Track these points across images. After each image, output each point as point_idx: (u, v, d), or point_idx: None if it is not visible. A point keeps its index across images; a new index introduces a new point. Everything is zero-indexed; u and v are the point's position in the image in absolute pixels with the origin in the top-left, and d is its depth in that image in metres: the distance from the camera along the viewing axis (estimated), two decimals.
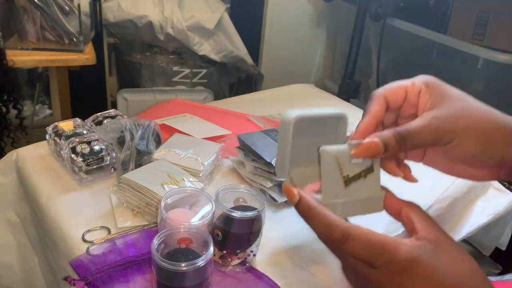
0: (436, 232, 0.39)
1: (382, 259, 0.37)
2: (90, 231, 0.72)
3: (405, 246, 0.37)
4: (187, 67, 2.18)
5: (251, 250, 0.66)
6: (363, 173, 0.44)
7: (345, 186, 0.44)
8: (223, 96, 2.33)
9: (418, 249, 0.37)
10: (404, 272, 0.36)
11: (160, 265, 0.52)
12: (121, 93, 2.10)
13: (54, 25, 1.50)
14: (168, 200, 0.65)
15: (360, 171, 0.44)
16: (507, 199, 1.02)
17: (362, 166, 0.44)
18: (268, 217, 0.78)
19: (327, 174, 0.43)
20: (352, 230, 0.38)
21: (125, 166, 0.82)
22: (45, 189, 0.82)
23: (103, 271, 0.64)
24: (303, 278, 0.68)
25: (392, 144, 0.41)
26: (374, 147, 0.41)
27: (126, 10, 1.97)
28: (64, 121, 0.91)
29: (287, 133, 0.45)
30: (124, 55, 2.20)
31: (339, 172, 0.43)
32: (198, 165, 0.83)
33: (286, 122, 0.45)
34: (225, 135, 1.02)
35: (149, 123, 0.88)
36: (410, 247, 0.37)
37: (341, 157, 0.43)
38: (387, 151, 0.41)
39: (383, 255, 0.37)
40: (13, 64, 1.36)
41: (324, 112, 0.47)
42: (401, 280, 0.37)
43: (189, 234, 0.59)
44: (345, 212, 0.44)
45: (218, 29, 2.11)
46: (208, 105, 1.25)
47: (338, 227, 0.38)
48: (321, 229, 0.40)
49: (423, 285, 0.36)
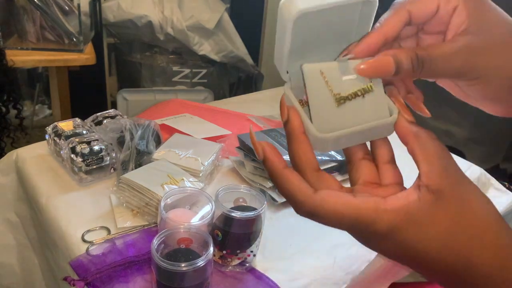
0: (442, 176, 0.31)
1: (357, 231, 0.33)
2: (90, 231, 0.71)
3: (386, 214, 0.31)
4: (187, 67, 2.18)
5: (251, 250, 0.66)
6: (359, 92, 0.36)
7: (337, 106, 0.35)
8: (223, 96, 2.33)
9: (403, 214, 0.31)
10: (380, 242, 0.32)
11: (160, 265, 0.52)
12: (121, 93, 2.10)
13: (54, 25, 1.50)
14: (168, 200, 0.65)
15: (356, 90, 0.36)
16: (507, 199, 1.02)
17: (357, 84, 0.36)
18: (268, 217, 0.78)
19: (313, 93, 0.35)
20: (319, 206, 0.32)
21: (125, 166, 0.82)
22: (45, 189, 0.81)
23: (103, 271, 0.63)
24: (303, 278, 0.68)
25: (406, 66, 0.34)
26: (384, 65, 0.34)
27: (126, 10, 1.97)
28: (63, 121, 0.91)
29: (286, 28, 0.34)
30: (124, 55, 2.20)
31: (328, 90, 0.35)
32: (198, 165, 0.83)
33: (285, 17, 0.34)
34: (225, 135, 1.02)
35: (149, 123, 0.88)
36: (392, 214, 0.31)
37: (328, 72, 0.36)
38: (398, 73, 0.34)
39: (357, 226, 0.32)
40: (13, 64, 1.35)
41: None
42: (379, 247, 0.33)
43: (189, 234, 0.59)
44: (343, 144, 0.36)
45: (218, 29, 2.11)
46: (208, 105, 1.25)
47: (304, 204, 0.33)
48: (288, 200, 0.34)
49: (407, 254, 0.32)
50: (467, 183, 0.32)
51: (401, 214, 0.31)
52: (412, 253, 0.32)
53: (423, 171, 0.32)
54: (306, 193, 0.33)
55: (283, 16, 0.34)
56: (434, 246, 0.31)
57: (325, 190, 0.33)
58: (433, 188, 0.31)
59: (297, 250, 0.73)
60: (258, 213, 0.62)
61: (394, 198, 0.32)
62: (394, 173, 0.36)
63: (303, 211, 0.33)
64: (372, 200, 0.32)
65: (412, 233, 0.31)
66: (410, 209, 0.31)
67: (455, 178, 0.32)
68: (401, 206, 0.31)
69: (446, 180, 0.31)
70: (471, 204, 0.32)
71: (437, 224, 0.31)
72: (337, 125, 0.35)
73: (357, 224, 0.32)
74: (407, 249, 0.32)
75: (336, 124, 0.35)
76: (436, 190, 0.31)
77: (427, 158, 0.32)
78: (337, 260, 0.72)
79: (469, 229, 0.31)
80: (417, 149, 0.33)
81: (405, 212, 0.31)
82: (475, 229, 0.31)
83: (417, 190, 0.32)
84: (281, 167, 0.34)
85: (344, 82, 0.36)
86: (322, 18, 0.35)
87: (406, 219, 0.31)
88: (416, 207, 0.31)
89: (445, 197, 0.31)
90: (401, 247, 0.32)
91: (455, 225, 0.31)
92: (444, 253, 0.31)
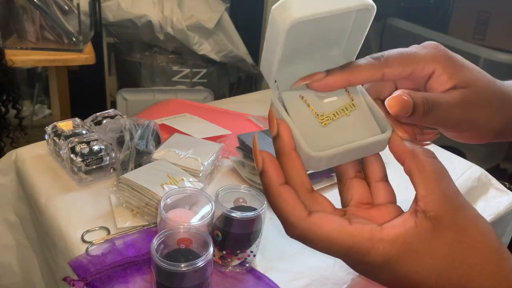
0: (440, 202, 0.30)
1: (351, 260, 0.32)
2: (90, 231, 0.71)
3: (381, 243, 0.30)
4: (187, 67, 2.18)
5: (251, 251, 0.66)
6: (342, 111, 0.35)
7: (323, 126, 0.35)
8: (223, 96, 2.33)
9: (400, 243, 0.30)
10: (376, 272, 0.31)
11: (160, 266, 0.52)
12: (120, 93, 2.09)
13: (53, 25, 1.49)
14: (168, 200, 0.65)
15: (338, 108, 0.35)
16: (507, 199, 1.01)
17: (338, 104, 0.35)
18: (268, 217, 0.78)
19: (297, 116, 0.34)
20: (311, 231, 0.31)
21: (124, 166, 0.82)
22: (45, 189, 0.81)
23: (102, 271, 0.63)
24: (303, 278, 0.68)
25: (420, 109, 0.33)
26: (406, 105, 0.32)
27: (126, 9, 1.97)
28: (63, 121, 0.90)
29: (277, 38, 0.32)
30: (124, 55, 2.20)
31: (311, 112, 0.35)
32: (198, 165, 0.83)
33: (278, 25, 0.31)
34: (225, 135, 1.01)
35: (148, 123, 0.88)
36: (388, 244, 0.30)
37: (309, 96, 0.35)
38: (412, 115, 0.33)
39: (351, 255, 0.31)
40: (12, 64, 1.35)
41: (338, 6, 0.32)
42: (374, 277, 0.32)
43: (188, 235, 0.58)
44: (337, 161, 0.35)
45: (218, 28, 2.11)
46: (208, 105, 1.25)
47: (295, 226, 0.32)
48: (279, 219, 0.33)
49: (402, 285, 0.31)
50: (467, 209, 0.31)
51: (397, 244, 0.30)
52: (409, 284, 0.31)
53: (420, 195, 0.31)
54: (299, 215, 0.31)
55: (275, 24, 0.32)
56: (431, 275, 0.30)
57: (319, 213, 0.32)
58: (430, 215, 0.30)
59: (297, 250, 0.73)
60: (258, 213, 0.62)
61: (390, 227, 0.30)
62: (386, 191, 0.35)
63: (294, 233, 0.32)
64: (368, 229, 0.30)
65: (409, 263, 0.30)
66: (407, 237, 0.30)
67: (454, 203, 0.30)
68: (398, 235, 0.30)
69: (444, 206, 0.30)
70: (470, 231, 0.30)
71: (434, 253, 0.30)
72: (328, 143, 0.34)
73: (351, 254, 0.31)
74: (404, 279, 0.30)
75: (326, 143, 0.34)
76: (434, 216, 0.30)
77: (425, 181, 0.31)
78: (337, 260, 0.72)
79: (468, 258, 0.30)
80: (414, 170, 0.32)
81: (402, 241, 0.30)
82: (474, 258, 0.30)
83: (414, 216, 0.30)
84: (278, 184, 0.32)
85: (326, 104, 0.35)
86: (315, 26, 0.34)
87: (403, 249, 0.30)
88: (413, 235, 0.30)
89: (443, 225, 0.30)
90: (397, 278, 0.31)
91: (453, 253, 0.30)
92: (442, 283, 0.30)
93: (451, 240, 0.30)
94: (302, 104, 0.35)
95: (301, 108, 0.35)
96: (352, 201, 0.35)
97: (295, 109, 0.35)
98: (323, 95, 0.36)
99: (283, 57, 0.34)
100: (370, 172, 0.36)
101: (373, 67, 0.35)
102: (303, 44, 0.35)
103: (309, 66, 0.36)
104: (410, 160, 0.32)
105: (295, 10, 0.31)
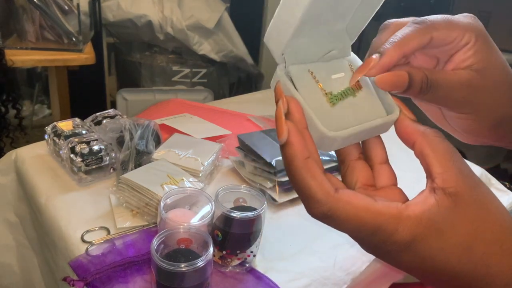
0: (458, 178, 0.29)
1: (376, 240, 0.30)
2: (90, 231, 0.71)
3: (409, 221, 0.29)
4: (186, 67, 2.18)
5: (251, 251, 0.66)
6: (350, 91, 0.35)
7: (331, 106, 0.34)
8: (223, 96, 2.33)
9: (426, 220, 0.29)
10: (400, 253, 0.30)
11: (160, 266, 0.52)
12: (120, 93, 2.09)
13: (53, 25, 1.49)
14: (168, 201, 0.65)
15: (346, 88, 0.35)
16: (507, 199, 1.01)
17: (346, 83, 0.35)
18: (268, 217, 0.78)
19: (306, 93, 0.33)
20: (339, 209, 0.29)
21: (124, 166, 0.82)
22: (44, 189, 0.81)
23: (102, 271, 0.63)
24: (303, 279, 0.68)
25: (417, 85, 0.33)
26: (400, 80, 0.33)
27: (126, 9, 1.97)
28: (63, 121, 0.90)
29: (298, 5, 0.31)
30: (124, 55, 2.20)
31: (319, 90, 0.34)
32: (198, 165, 0.83)
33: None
34: (225, 135, 1.01)
35: (148, 123, 0.88)
36: (415, 221, 0.29)
37: (317, 72, 0.34)
38: (407, 91, 0.33)
39: (376, 235, 0.29)
40: (12, 64, 1.35)
41: None
42: (396, 259, 0.31)
43: (188, 235, 0.58)
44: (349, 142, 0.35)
45: (218, 28, 2.11)
46: (208, 105, 1.25)
47: (322, 204, 0.30)
48: (302, 197, 0.31)
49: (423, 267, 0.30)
50: (483, 186, 0.31)
51: (423, 221, 0.29)
52: (431, 264, 0.30)
53: (436, 173, 0.30)
54: (328, 191, 0.30)
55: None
56: (455, 253, 0.29)
57: (346, 190, 0.30)
58: (450, 191, 0.29)
59: (297, 250, 0.73)
60: (258, 213, 0.62)
61: (413, 205, 0.30)
62: (390, 173, 0.35)
63: (320, 211, 0.30)
64: (394, 206, 0.29)
65: (434, 242, 0.29)
66: (431, 215, 0.29)
67: (471, 180, 0.30)
68: (422, 212, 0.29)
69: (462, 183, 0.29)
70: (490, 208, 0.30)
71: (458, 230, 0.29)
72: (339, 124, 0.33)
73: (379, 233, 0.29)
74: (427, 259, 0.30)
75: (337, 123, 0.33)
76: (454, 193, 0.29)
77: (439, 159, 0.30)
78: (338, 260, 0.72)
79: (488, 234, 0.29)
80: (427, 150, 0.31)
81: (427, 218, 0.29)
82: (494, 234, 0.29)
83: (433, 193, 0.30)
84: (304, 157, 0.30)
85: (334, 81, 0.35)
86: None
87: (428, 226, 0.29)
88: (435, 212, 0.29)
89: (464, 201, 0.29)
90: (420, 258, 0.30)
91: (474, 231, 0.29)
92: (464, 261, 0.29)
93: (473, 216, 0.29)
94: (310, 80, 0.34)
95: (310, 85, 0.34)
96: (358, 183, 0.34)
97: (303, 85, 0.33)
98: (330, 67, 0.35)
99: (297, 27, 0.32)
100: (374, 154, 0.35)
101: (422, 31, 0.34)
102: (315, 15, 0.33)
103: (314, 39, 0.35)
104: (422, 140, 0.31)
105: None
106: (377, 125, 0.34)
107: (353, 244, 0.75)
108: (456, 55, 0.35)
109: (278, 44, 0.33)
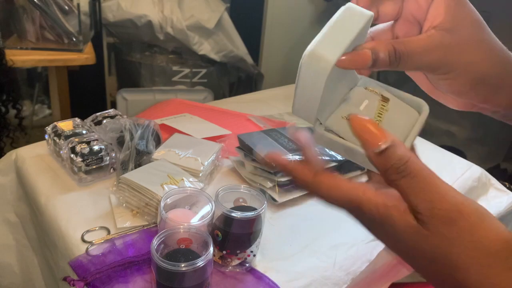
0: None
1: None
2: (90, 231, 0.71)
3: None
4: (186, 67, 2.18)
5: (251, 251, 0.66)
6: (382, 109, 0.38)
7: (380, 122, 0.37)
8: (223, 96, 2.33)
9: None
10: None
11: (160, 266, 0.52)
12: (120, 93, 2.09)
13: (53, 25, 1.49)
14: (168, 200, 0.65)
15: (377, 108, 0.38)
16: (507, 199, 1.01)
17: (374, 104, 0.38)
18: (268, 217, 0.78)
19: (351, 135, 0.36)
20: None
21: (124, 166, 0.82)
22: (45, 189, 0.81)
23: (102, 271, 0.63)
24: (303, 278, 0.68)
25: (383, 59, 0.35)
26: (362, 58, 0.34)
27: (126, 9, 1.97)
28: (63, 121, 0.90)
29: (315, 83, 0.34)
30: (124, 55, 2.20)
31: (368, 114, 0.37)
32: (198, 165, 0.83)
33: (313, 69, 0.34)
34: (225, 135, 1.01)
35: (148, 123, 0.88)
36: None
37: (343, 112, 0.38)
38: (374, 66, 0.35)
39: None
40: (13, 64, 1.35)
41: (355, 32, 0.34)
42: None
43: (188, 235, 0.58)
44: None
45: (218, 28, 2.11)
46: (208, 105, 1.25)
47: None
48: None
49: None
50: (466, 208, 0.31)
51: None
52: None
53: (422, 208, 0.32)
54: None
55: (311, 68, 0.34)
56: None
57: None
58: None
59: (297, 250, 0.73)
60: (258, 213, 0.62)
61: None
62: None
63: None
64: None
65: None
66: None
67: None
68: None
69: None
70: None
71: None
72: None
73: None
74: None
75: None
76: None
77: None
78: (338, 260, 0.72)
79: None
80: None
81: None
82: None
83: None
84: None
85: (364, 111, 0.38)
86: None
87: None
88: None
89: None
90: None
91: None
92: None
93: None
94: (346, 123, 0.37)
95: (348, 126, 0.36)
96: None
97: (348, 131, 0.36)
98: (355, 103, 0.38)
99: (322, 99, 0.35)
100: None
101: None
102: (331, 85, 0.36)
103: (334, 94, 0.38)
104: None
105: (328, 53, 0.33)
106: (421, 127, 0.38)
107: (353, 244, 0.75)
108: (429, 12, 0.37)
109: (309, 117, 0.37)
